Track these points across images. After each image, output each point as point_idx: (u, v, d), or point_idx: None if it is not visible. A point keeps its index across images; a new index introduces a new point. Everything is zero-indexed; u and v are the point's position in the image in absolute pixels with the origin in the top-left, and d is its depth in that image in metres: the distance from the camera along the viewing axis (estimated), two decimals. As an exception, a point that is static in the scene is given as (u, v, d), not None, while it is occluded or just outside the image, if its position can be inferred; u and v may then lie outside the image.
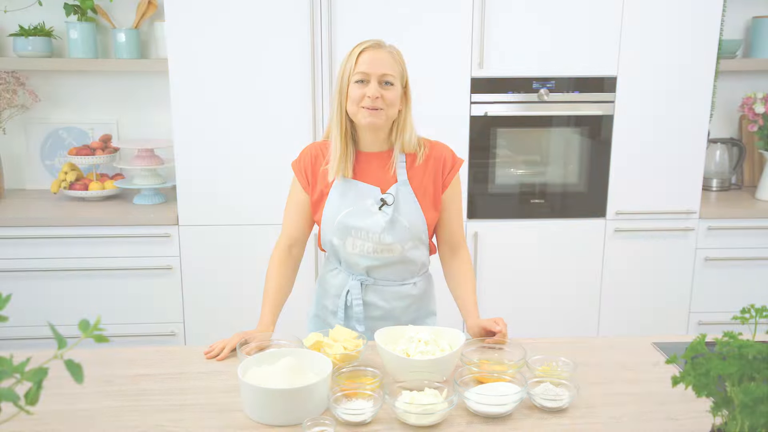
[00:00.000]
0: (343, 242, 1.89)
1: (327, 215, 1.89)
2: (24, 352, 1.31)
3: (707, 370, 0.99)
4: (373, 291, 1.93)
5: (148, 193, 3.20)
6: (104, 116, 3.44)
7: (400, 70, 1.84)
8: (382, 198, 1.87)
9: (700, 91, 3.05)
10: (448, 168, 1.93)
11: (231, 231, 2.99)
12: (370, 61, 1.79)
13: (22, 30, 3.21)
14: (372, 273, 1.91)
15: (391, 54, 1.82)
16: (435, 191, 1.92)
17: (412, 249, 1.91)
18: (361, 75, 1.79)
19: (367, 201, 1.87)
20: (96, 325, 1.02)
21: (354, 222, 1.86)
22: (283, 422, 1.46)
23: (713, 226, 3.18)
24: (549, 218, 3.13)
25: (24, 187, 3.47)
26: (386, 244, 1.86)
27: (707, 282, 3.23)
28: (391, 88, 1.81)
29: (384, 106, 1.79)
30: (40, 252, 2.96)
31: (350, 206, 1.87)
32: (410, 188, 1.89)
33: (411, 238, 1.89)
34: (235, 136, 2.94)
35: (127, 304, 3.04)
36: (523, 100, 3.01)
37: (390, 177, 1.89)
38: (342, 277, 1.95)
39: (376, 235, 1.86)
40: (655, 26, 2.97)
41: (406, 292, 1.95)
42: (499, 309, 3.14)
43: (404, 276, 1.94)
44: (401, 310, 1.95)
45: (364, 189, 1.87)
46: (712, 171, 3.54)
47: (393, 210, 1.86)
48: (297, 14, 2.85)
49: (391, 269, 1.91)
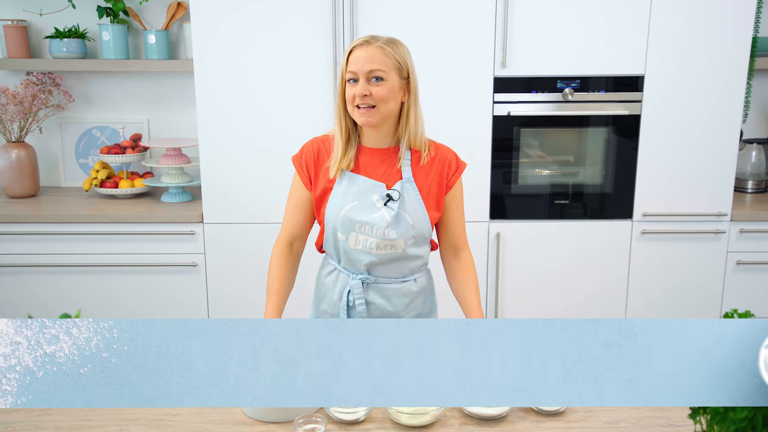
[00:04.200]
0: (347, 237, 1.89)
1: (331, 209, 1.89)
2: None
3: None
4: (375, 289, 1.93)
5: (175, 191, 3.26)
6: (135, 116, 3.52)
7: (394, 63, 1.81)
8: (388, 193, 1.87)
9: (732, 89, 2.97)
10: (452, 170, 1.93)
11: (254, 229, 3.03)
12: (357, 60, 1.79)
13: (57, 32, 3.30)
14: (373, 270, 1.92)
15: (381, 48, 1.79)
16: (439, 192, 1.92)
17: (414, 246, 1.91)
18: (350, 74, 1.80)
19: (372, 196, 1.87)
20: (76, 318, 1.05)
21: (359, 216, 1.86)
22: (277, 419, 1.47)
23: (746, 228, 3.09)
24: (573, 219, 3.08)
25: (59, 184, 3.57)
26: (390, 239, 1.86)
27: (739, 287, 3.14)
28: (382, 83, 1.79)
29: (375, 103, 1.79)
30: (70, 248, 3.05)
31: (355, 200, 1.87)
32: (415, 185, 1.89)
33: (414, 234, 1.89)
34: (258, 134, 2.97)
35: (153, 300, 3.11)
36: (547, 100, 2.97)
37: (394, 173, 1.89)
38: (342, 277, 1.95)
39: (381, 230, 1.86)
40: (685, 23, 2.90)
41: (407, 289, 1.95)
42: (521, 311, 3.12)
43: (405, 273, 1.94)
44: (403, 307, 1.95)
45: (369, 184, 1.88)
46: (747, 172, 3.44)
47: (398, 206, 1.86)
48: (320, 15, 2.87)
49: (392, 266, 1.91)
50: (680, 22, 2.90)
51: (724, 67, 2.94)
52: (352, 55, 1.80)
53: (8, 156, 3.26)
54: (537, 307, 3.13)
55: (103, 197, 3.31)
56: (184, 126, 3.50)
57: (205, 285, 3.09)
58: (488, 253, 3.07)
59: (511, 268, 3.10)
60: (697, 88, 2.96)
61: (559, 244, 3.09)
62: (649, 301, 3.14)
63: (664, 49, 2.92)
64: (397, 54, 1.82)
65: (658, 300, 3.14)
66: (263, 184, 2.99)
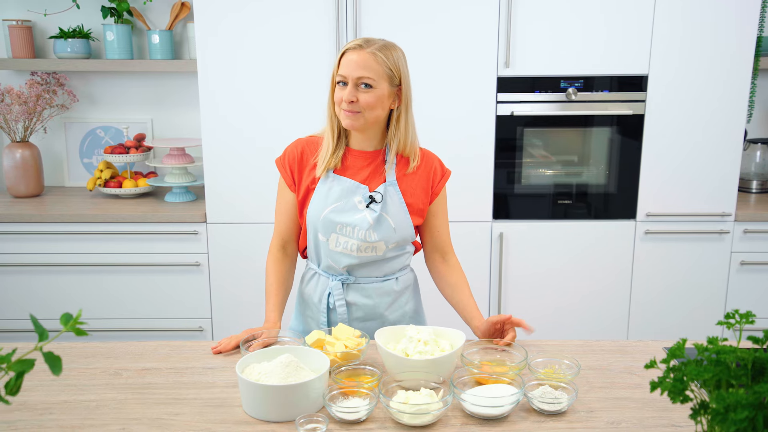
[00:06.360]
0: (327, 238, 1.88)
1: (312, 210, 1.89)
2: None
3: (683, 376, 0.97)
4: (355, 289, 1.93)
5: (179, 191, 3.27)
6: (139, 115, 3.53)
7: (385, 71, 1.79)
8: (371, 195, 1.87)
9: (736, 89, 2.96)
10: (438, 178, 1.95)
11: (258, 228, 3.03)
12: (348, 63, 1.78)
13: (62, 32, 3.31)
14: (353, 271, 1.91)
15: (374, 55, 1.77)
16: (423, 198, 1.93)
17: (395, 249, 1.92)
18: (340, 77, 1.80)
19: (354, 198, 1.87)
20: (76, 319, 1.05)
21: (340, 218, 1.86)
22: (278, 418, 1.47)
23: (750, 229, 3.08)
24: (577, 219, 3.08)
25: (63, 184, 3.58)
26: (371, 242, 1.86)
27: (743, 287, 3.14)
28: (370, 91, 1.78)
29: (360, 109, 1.79)
30: (73, 247, 3.05)
31: (336, 202, 1.87)
32: (398, 189, 1.89)
33: (396, 238, 1.89)
34: (262, 134, 2.98)
35: (156, 299, 3.11)
36: (550, 100, 2.97)
37: (378, 176, 1.89)
38: (322, 280, 1.95)
39: (362, 232, 1.85)
40: (688, 23, 2.89)
41: (389, 287, 1.95)
42: (525, 311, 3.12)
43: (386, 272, 1.94)
44: (385, 306, 1.94)
45: (351, 186, 1.87)
46: (752, 172, 3.43)
47: (380, 208, 1.86)
48: (324, 15, 2.87)
49: (373, 267, 1.91)
50: (684, 21, 2.89)
51: (728, 67, 2.93)
52: (344, 58, 1.80)
53: (13, 156, 3.27)
54: (540, 306, 3.13)
55: (107, 197, 3.32)
56: (187, 126, 3.51)
57: (208, 285, 3.10)
58: (491, 252, 3.07)
59: (514, 267, 3.10)
60: (701, 88, 2.95)
61: (562, 244, 3.08)
62: (652, 301, 3.13)
63: (668, 48, 2.91)
64: (389, 61, 1.79)
65: (661, 300, 3.13)
66: (266, 184, 2.99)
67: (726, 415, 0.90)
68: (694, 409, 0.99)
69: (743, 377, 0.95)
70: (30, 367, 1.06)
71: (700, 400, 0.99)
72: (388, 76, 1.80)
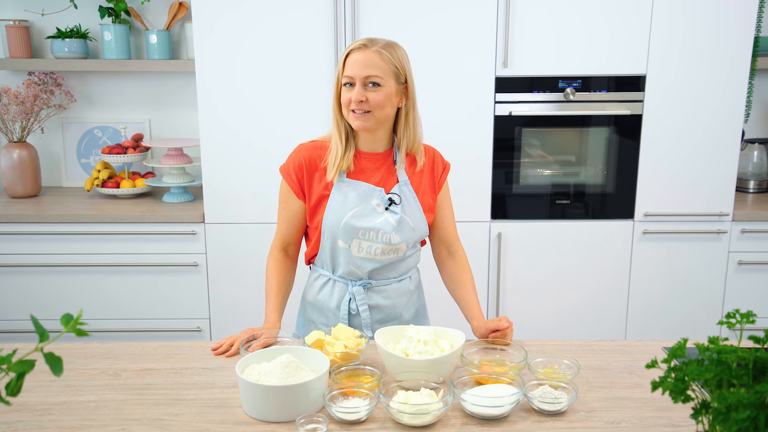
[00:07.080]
0: (349, 245, 1.87)
1: (330, 218, 1.86)
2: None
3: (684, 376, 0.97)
4: (376, 292, 1.93)
5: (177, 191, 3.26)
6: (137, 115, 3.52)
7: (391, 68, 1.79)
8: (390, 198, 1.86)
9: (733, 89, 2.96)
10: (440, 171, 1.96)
11: (256, 229, 3.03)
12: (354, 64, 1.77)
13: (59, 32, 3.30)
14: (374, 275, 1.92)
15: (379, 53, 1.77)
16: (432, 194, 1.94)
17: (412, 248, 1.94)
18: (347, 78, 1.79)
19: (372, 201, 1.86)
20: (77, 320, 1.05)
21: (362, 223, 1.85)
22: (278, 418, 1.47)
23: (747, 228, 3.09)
24: (575, 219, 3.08)
25: (61, 184, 3.58)
26: (394, 244, 1.86)
27: (740, 287, 3.14)
28: (378, 89, 1.77)
29: (370, 109, 1.78)
30: (71, 248, 3.05)
31: (355, 207, 1.85)
32: (412, 188, 1.89)
33: (415, 238, 1.89)
34: (260, 135, 2.97)
35: (155, 299, 3.11)
36: (548, 100, 2.97)
37: (391, 177, 1.89)
38: (338, 287, 1.93)
39: (386, 235, 1.85)
40: (686, 22, 2.90)
41: (405, 287, 1.96)
42: (523, 311, 3.12)
43: (402, 272, 1.95)
44: (403, 305, 1.96)
45: (367, 189, 1.86)
46: (749, 172, 3.44)
47: (401, 209, 1.86)
48: (322, 15, 2.87)
49: (390, 268, 1.92)
50: (682, 21, 2.89)
51: (726, 67, 2.94)
52: (349, 59, 1.79)
53: (10, 156, 3.26)
54: (538, 307, 3.13)
55: (105, 197, 3.32)
56: (185, 126, 3.50)
57: (207, 285, 3.09)
58: (489, 253, 3.07)
59: (512, 268, 3.10)
60: (699, 88, 2.96)
61: (560, 244, 3.08)
62: (650, 301, 3.14)
63: (666, 48, 2.92)
64: (394, 58, 1.79)
65: (659, 300, 3.14)
66: (264, 184, 2.99)
67: (728, 415, 0.90)
68: (696, 409, 0.99)
69: (744, 377, 0.95)
70: (30, 368, 1.06)
71: (701, 400, 0.99)
72: (394, 73, 1.80)
